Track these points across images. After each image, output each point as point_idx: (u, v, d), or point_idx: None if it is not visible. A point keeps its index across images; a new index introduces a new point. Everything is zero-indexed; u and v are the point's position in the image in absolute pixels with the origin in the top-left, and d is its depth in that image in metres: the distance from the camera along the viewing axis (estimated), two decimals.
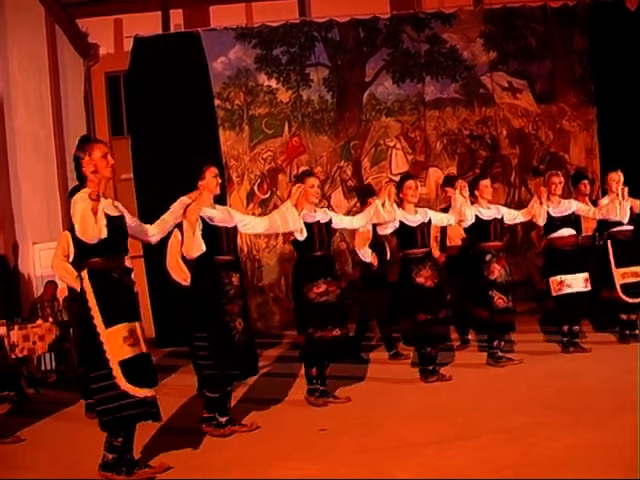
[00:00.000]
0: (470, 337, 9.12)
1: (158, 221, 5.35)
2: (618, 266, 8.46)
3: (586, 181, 9.17)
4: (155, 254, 6.50)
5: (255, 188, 12.43)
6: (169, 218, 5.40)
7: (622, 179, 8.37)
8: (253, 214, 11.01)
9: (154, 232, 5.29)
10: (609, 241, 8.52)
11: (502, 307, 7.65)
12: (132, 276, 5.03)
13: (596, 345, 8.40)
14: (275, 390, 7.25)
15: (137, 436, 4.90)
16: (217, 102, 12.45)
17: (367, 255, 8.36)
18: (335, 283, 6.64)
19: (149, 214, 5.54)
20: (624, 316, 8.52)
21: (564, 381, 6.77)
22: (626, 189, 8.17)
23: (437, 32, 12.86)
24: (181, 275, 7.07)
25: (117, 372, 4.59)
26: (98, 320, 4.62)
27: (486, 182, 7.86)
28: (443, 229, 8.63)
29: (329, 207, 9.01)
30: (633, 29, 12.53)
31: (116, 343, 4.60)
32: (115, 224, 4.73)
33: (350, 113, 12.79)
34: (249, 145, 12.53)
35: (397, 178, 11.94)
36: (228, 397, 5.86)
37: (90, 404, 6.79)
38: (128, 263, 5.06)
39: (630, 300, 8.39)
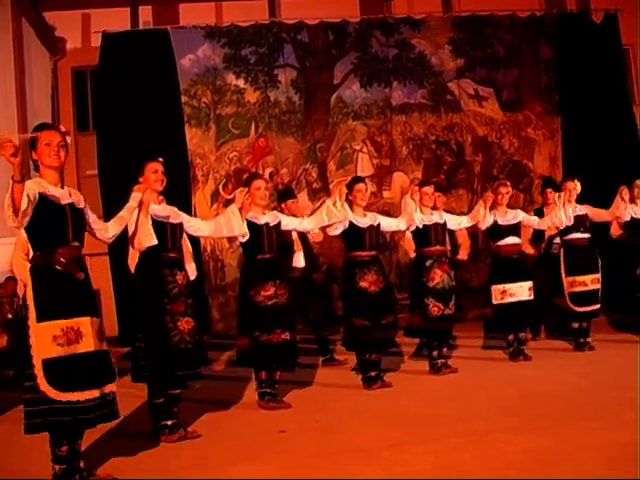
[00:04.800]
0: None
1: (116, 219, 5.23)
2: (568, 274, 8.52)
3: (549, 189, 9.26)
4: (119, 251, 6.44)
5: (220, 188, 12.37)
6: (127, 215, 5.30)
7: (578, 187, 8.43)
8: (217, 214, 10.95)
9: (115, 231, 5.17)
10: (562, 249, 8.59)
11: (436, 315, 7.57)
12: (86, 268, 4.73)
13: (551, 351, 8.53)
14: (234, 391, 7.25)
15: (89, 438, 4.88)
16: (184, 99, 12.38)
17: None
18: (285, 286, 6.54)
19: (114, 211, 5.48)
20: (576, 324, 8.59)
21: (520, 387, 6.85)
22: (562, 195, 8.17)
23: (406, 37, 12.93)
24: None
25: (39, 371, 4.34)
26: (31, 314, 4.40)
27: (427, 189, 7.76)
28: None
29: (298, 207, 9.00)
30: (598, 41, 12.74)
31: (44, 340, 4.36)
32: (63, 212, 4.57)
33: (317, 115, 12.79)
34: (215, 144, 12.47)
35: None
36: (175, 401, 5.71)
37: None
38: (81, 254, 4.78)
39: (577, 309, 8.47)
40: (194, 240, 7.98)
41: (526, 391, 6.65)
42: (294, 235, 7.88)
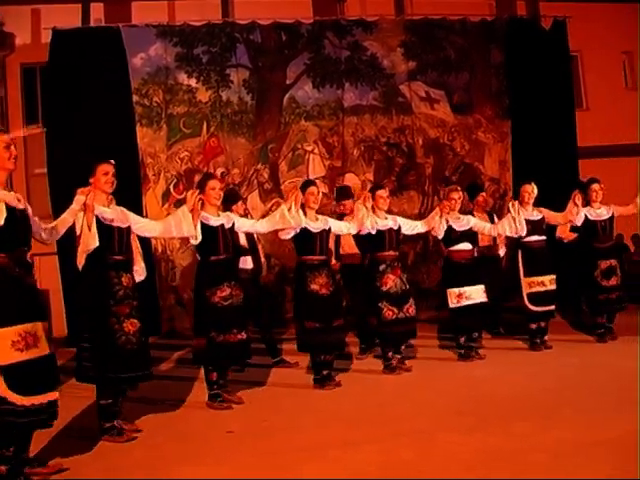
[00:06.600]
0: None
1: (57, 221, 5.25)
2: (526, 275, 8.70)
3: (484, 193, 9.53)
4: (69, 251, 6.37)
5: (171, 188, 12.29)
6: (69, 217, 5.29)
7: (535, 191, 8.62)
8: (168, 214, 10.89)
9: (53, 233, 5.16)
10: (519, 250, 8.76)
11: (391, 319, 7.67)
12: (33, 272, 4.79)
13: (505, 351, 8.64)
14: (182, 391, 7.24)
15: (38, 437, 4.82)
16: (135, 98, 12.24)
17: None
18: (239, 286, 6.62)
19: (63, 210, 5.45)
20: (533, 325, 8.77)
21: (471, 387, 6.94)
22: (517, 203, 8.38)
23: (358, 39, 12.96)
24: None
25: None
26: None
27: (382, 192, 7.91)
28: (337, 238, 8.62)
29: (245, 209, 8.98)
30: (547, 47, 12.95)
31: (2, 346, 4.33)
32: (16, 216, 4.56)
33: (269, 116, 12.76)
34: (166, 144, 12.36)
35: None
36: (120, 400, 5.79)
37: None
38: (29, 258, 4.79)
39: (535, 309, 8.65)
40: (145, 240, 7.96)
41: (476, 391, 6.75)
42: (242, 237, 7.94)
